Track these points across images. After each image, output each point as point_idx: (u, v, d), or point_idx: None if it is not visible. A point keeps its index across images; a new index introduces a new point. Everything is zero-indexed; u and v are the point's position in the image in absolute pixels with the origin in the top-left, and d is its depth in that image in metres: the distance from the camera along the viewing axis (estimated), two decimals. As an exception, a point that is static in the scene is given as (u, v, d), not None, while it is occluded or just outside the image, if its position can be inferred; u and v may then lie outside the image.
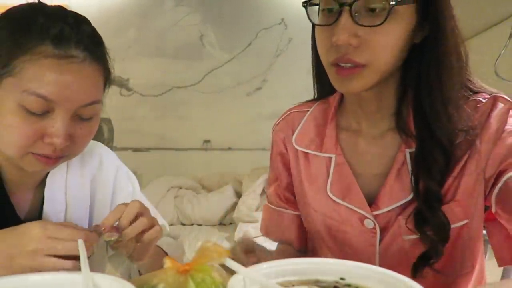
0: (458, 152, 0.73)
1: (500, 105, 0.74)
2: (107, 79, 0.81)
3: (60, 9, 0.75)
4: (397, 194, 0.77)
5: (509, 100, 0.75)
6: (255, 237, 0.83)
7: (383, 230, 0.79)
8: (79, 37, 0.71)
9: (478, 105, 0.75)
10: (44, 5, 0.75)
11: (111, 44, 0.83)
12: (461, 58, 0.73)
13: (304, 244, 0.96)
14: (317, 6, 0.74)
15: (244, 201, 2.81)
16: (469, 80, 0.77)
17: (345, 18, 0.68)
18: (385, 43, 0.69)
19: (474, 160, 0.73)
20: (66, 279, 0.53)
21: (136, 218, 0.71)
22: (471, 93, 0.76)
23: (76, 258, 0.61)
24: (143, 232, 0.72)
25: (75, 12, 0.76)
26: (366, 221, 0.80)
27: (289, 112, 0.96)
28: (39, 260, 0.62)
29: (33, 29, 0.70)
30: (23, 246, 0.62)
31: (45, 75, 0.68)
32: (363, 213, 0.79)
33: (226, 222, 2.98)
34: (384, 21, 0.66)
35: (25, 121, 0.70)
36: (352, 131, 0.85)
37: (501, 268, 1.14)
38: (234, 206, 2.92)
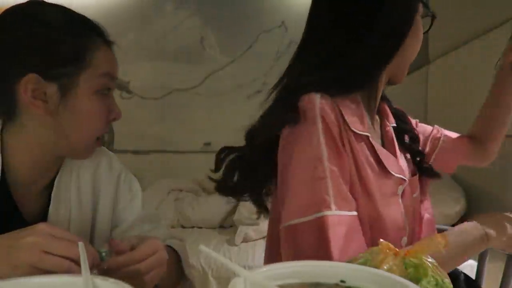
0: None
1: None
2: None
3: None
4: (404, 164, 0.96)
5: None
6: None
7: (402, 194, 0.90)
8: (103, 29, 0.86)
9: None
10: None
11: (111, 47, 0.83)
12: None
13: None
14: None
15: (244, 203, 2.80)
16: None
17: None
18: None
19: None
20: (66, 282, 0.53)
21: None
22: None
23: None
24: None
25: None
26: (399, 188, 0.88)
27: (319, 95, 0.84)
28: (37, 255, 0.61)
29: (83, 24, 0.82)
30: (22, 238, 0.62)
31: (107, 56, 0.83)
32: (405, 178, 0.90)
33: (226, 224, 2.97)
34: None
35: (101, 103, 0.83)
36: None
37: (502, 269, 1.15)
38: (234, 209, 2.91)
